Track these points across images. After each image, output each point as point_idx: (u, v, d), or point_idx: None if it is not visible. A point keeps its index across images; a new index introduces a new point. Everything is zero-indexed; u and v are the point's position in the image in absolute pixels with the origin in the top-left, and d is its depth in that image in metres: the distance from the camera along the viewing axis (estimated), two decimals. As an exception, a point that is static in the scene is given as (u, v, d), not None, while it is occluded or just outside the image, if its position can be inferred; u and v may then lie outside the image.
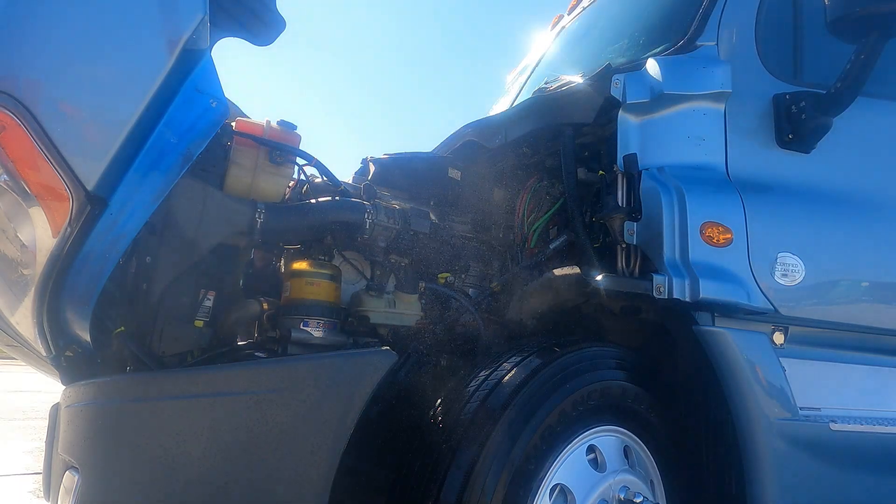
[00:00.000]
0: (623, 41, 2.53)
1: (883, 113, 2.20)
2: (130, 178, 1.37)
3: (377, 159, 2.49)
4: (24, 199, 1.35)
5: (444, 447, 1.61)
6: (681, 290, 1.76)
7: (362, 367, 1.58)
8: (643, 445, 1.91)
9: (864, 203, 2.09)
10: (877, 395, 2.08)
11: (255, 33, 2.08)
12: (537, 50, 3.50)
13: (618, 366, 1.87)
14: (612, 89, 1.98)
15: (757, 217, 1.87)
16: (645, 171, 1.92)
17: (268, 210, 1.82)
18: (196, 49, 1.46)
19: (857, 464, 1.98)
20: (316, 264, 1.93)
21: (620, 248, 1.97)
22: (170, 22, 1.42)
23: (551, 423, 1.66)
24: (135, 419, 1.51)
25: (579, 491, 1.70)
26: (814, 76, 2.08)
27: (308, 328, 1.83)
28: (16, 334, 1.68)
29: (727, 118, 1.99)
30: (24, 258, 1.42)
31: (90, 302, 1.45)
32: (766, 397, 1.81)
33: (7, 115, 1.27)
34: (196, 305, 1.75)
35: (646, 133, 1.97)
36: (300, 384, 1.54)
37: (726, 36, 2.06)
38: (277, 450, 1.49)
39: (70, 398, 1.65)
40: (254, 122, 1.91)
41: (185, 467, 1.47)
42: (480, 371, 1.78)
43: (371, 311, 2.03)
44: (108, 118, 1.36)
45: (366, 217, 2.00)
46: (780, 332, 1.92)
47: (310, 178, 2.12)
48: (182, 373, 1.65)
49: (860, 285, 2.06)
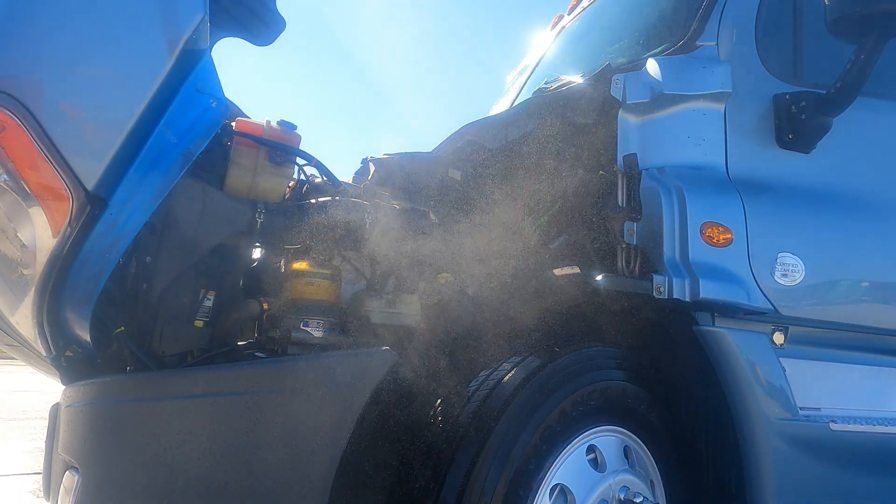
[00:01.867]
0: (623, 41, 2.53)
1: (883, 113, 2.20)
2: (130, 178, 1.37)
3: (377, 159, 2.49)
4: (24, 199, 1.35)
5: (444, 447, 1.61)
6: (681, 290, 1.76)
7: (362, 367, 1.58)
8: (643, 445, 1.91)
9: (865, 203, 2.09)
10: (877, 395, 2.08)
11: (255, 33, 2.08)
12: (537, 50, 3.49)
13: (618, 366, 1.87)
14: (612, 89, 1.98)
15: (757, 217, 1.87)
16: (645, 171, 1.92)
17: (268, 210, 1.82)
18: (196, 49, 1.46)
19: (857, 464, 1.98)
20: (316, 264, 1.93)
21: (620, 248, 1.97)
22: (170, 22, 1.42)
23: (551, 423, 1.66)
24: (135, 419, 1.51)
25: (579, 491, 1.70)
26: (814, 76, 2.08)
27: (308, 328, 1.83)
28: (16, 334, 1.68)
29: (727, 118, 1.99)
30: (24, 258, 1.42)
31: (90, 302, 1.46)
32: (766, 397, 1.81)
33: (7, 115, 1.27)
34: (196, 305, 1.75)
35: (646, 133, 1.97)
36: (300, 384, 1.54)
37: (726, 36, 2.06)
38: (277, 450, 1.49)
39: (70, 398, 1.65)
40: (254, 122, 1.91)
41: (185, 467, 1.47)
42: (480, 371, 1.78)
43: (371, 311, 2.02)
44: (108, 118, 1.36)
45: (366, 217, 2.00)
46: (780, 332, 1.92)
47: (310, 178, 2.12)
48: (182, 373, 1.65)
49: (860, 285, 2.06)
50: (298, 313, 1.85)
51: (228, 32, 2.04)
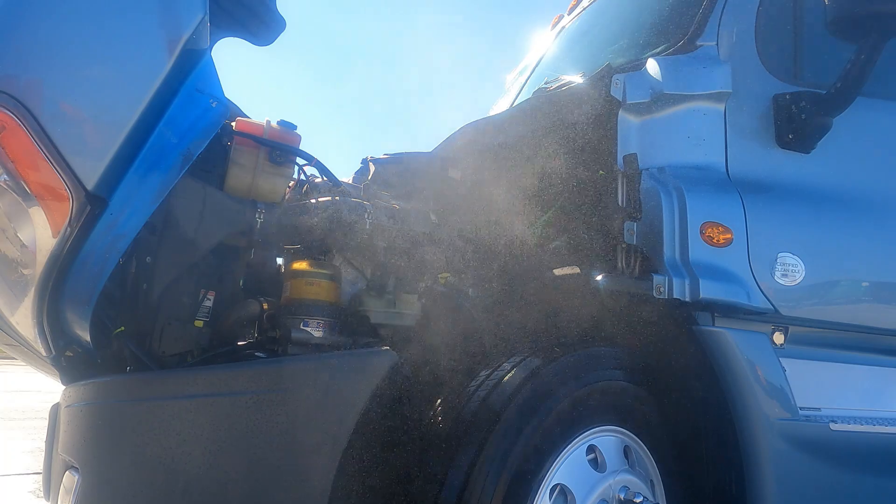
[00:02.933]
0: (623, 41, 2.53)
1: (883, 113, 2.20)
2: (130, 178, 1.37)
3: (377, 159, 2.49)
4: (24, 199, 1.35)
5: (444, 447, 1.61)
6: (681, 290, 1.76)
7: (362, 367, 1.58)
8: (643, 445, 1.91)
9: (865, 203, 2.09)
10: (877, 395, 2.08)
11: (255, 33, 2.08)
12: (537, 50, 3.49)
13: (618, 366, 1.87)
14: (612, 89, 1.98)
15: (757, 217, 1.87)
16: (645, 171, 1.92)
17: (268, 210, 1.82)
18: (196, 49, 1.46)
19: (858, 464, 1.98)
20: (316, 264, 1.93)
21: (620, 248, 1.97)
22: (170, 22, 1.42)
23: (551, 423, 1.66)
24: (135, 419, 1.51)
25: (579, 491, 1.70)
26: (814, 76, 2.08)
27: (308, 328, 1.83)
28: (16, 334, 1.68)
29: (727, 118, 1.99)
30: (24, 258, 1.42)
31: (90, 302, 1.45)
32: (766, 397, 1.81)
33: (7, 115, 1.27)
34: (196, 305, 1.75)
35: (646, 133, 1.97)
36: (300, 384, 1.54)
37: (726, 36, 2.06)
38: (277, 450, 1.49)
39: (70, 398, 1.65)
40: (254, 122, 1.91)
41: (185, 467, 1.47)
42: (480, 371, 1.78)
43: (371, 311, 2.03)
44: (108, 118, 1.36)
45: (366, 217, 2.00)
46: (780, 332, 1.92)
47: (310, 178, 2.12)
48: (182, 373, 1.65)
49: (860, 285, 2.06)
50: (298, 313, 1.85)
51: (228, 32, 2.05)
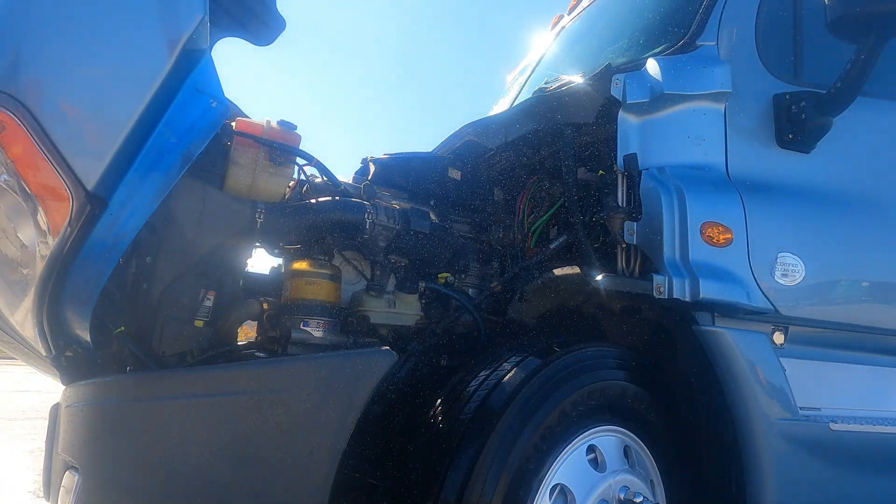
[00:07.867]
0: (623, 41, 2.53)
1: (883, 113, 2.20)
2: (130, 178, 1.37)
3: (377, 159, 2.49)
4: (24, 199, 1.35)
5: (444, 447, 1.61)
6: (681, 290, 1.76)
7: (362, 367, 1.58)
8: (643, 445, 1.91)
9: (865, 203, 2.09)
10: (877, 395, 2.08)
11: (255, 33, 2.08)
12: (537, 50, 3.49)
13: (618, 366, 1.87)
14: (612, 89, 1.98)
15: (757, 217, 1.87)
16: (645, 171, 1.92)
17: (268, 210, 1.82)
18: (196, 49, 1.45)
19: (858, 464, 1.98)
20: (316, 264, 1.93)
21: (620, 248, 1.97)
22: (170, 22, 1.42)
23: (551, 423, 1.66)
24: (135, 419, 1.51)
25: (579, 491, 1.70)
26: (814, 76, 2.08)
27: (308, 328, 1.83)
28: (16, 334, 1.68)
29: (727, 118, 1.99)
30: (24, 258, 1.42)
31: (90, 302, 1.45)
32: (766, 397, 1.81)
33: (7, 115, 1.27)
34: (196, 305, 1.75)
35: (646, 133, 1.97)
36: (300, 384, 1.54)
37: (726, 36, 2.06)
38: (277, 450, 1.49)
39: (70, 398, 1.65)
40: (254, 122, 1.91)
41: (185, 467, 1.47)
42: (480, 371, 1.78)
43: (371, 311, 2.03)
44: (108, 118, 1.36)
45: (366, 217, 2.00)
46: (780, 332, 1.91)
47: (310, 178, 2.12)
48: (182, 373, 1.65)
49: (860, 285, 2.06)
50: (298, 313, 1.85)
51: (228, 32, 2.05)
